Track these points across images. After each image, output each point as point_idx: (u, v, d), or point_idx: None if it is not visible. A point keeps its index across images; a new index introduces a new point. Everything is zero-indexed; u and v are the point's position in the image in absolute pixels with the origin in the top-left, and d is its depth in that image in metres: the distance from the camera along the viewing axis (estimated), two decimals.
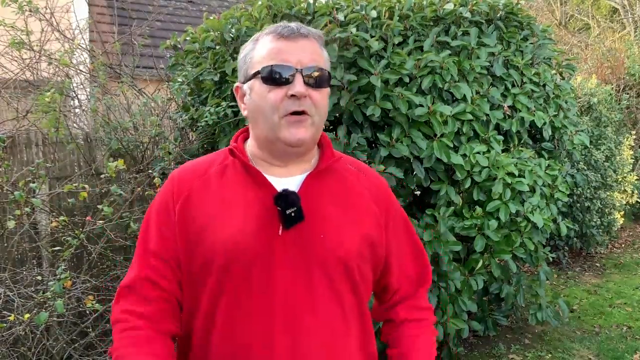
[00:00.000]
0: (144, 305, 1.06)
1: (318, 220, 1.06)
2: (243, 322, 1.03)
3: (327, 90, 1.08)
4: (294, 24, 1.06)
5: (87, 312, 2.63)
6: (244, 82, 1.10)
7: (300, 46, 1.04)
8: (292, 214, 1.02)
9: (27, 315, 2.34)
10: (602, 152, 5.57)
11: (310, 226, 1.05)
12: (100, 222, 2.64)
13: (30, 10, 3.09)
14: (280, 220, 1.03)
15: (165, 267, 1.08)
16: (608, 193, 5.55)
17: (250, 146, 1.13)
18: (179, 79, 3.18)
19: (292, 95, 1.01)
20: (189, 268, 1.07)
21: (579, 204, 5.26)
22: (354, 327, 1.10)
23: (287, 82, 1.02)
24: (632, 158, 6.37)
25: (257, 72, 1.05)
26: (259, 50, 1.06)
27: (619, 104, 6.76)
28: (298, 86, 1.01)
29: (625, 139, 6.27)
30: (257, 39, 1.09)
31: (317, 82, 1.04)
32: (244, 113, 1.11)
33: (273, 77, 1.02)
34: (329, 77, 1.07)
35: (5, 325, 2.40)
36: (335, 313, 1.06)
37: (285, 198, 1.03)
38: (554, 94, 3.51)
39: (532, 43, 3.48)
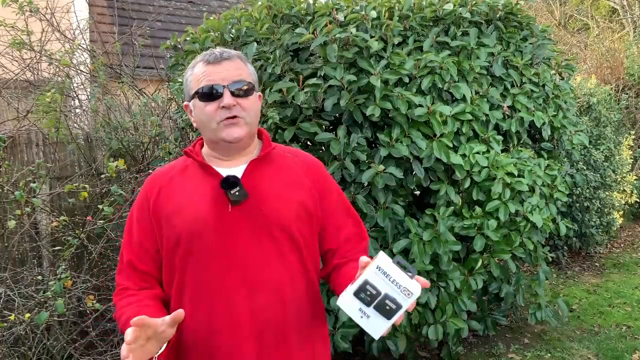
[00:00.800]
0: (130, 281, 1.37)
1: (260, 196, 1.33)
2: (208, 282, 1.30)
3: (255, 96, 1.36)
4: (217, 50, 1.35)
5: (88, 311, 2.63)
6: (189, 101, 1.38)
7: (224, 67, 1.32)
8: (236, 193, 1.30)
9: (27, 315, 2.34)
10: (602, 152, 5.57)
11: (254, 201, 1.32)
12: (101, 222, 2.65)
13: (31, 11, 3.10)
14: (228, 200, 1.30)
15: (145, 254, 1.37)
16: (607, 193, 5.56)
17: (205, 149, 1.42)
18: (179, 79, 3.18)
19: (223, 107, 1.30)
20: (165, 245, 1.34)
21: (578, 204, 5.27)
22: (300, 279, 1.35)
23: (218, 96, 1.30)
24: (631, 158, 6.37)
25: (196, 92, 1.33)
26: (195, 75, 1.35)
27: (618, 104, 6.77)
28: (226, 99, 1.29)
29: (625, 139, 6.28)
30: (193, 66, 1.37)
31: (243, 92, 1.32)
32: (194, 125, 1.40)
33: (206, 94, 1.31)
34: (253, 86, 1.35)
35: (5, 324, 2.40)
36: (282, 268, 1.32)
37: (227, 181, 1.30)
38: (553, 94, 3.52)
39: (531, 43, 3.49)
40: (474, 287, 3.00)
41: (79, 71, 3.52)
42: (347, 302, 1.14)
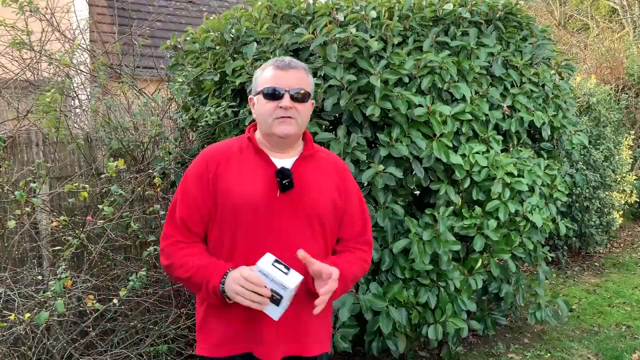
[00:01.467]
0: (180, 235, 1.60)
1: (302, 188, 1.60)
2: (253, 247, 1.55)
3: (309, 103, 1.62)
4: (287, 59, 1.61)
5: (88, 311, 2.63)
6: (254, 95, 1.64)
7: (290, 74, 1.58)
8: (287, 184, 1.56)
9: (27, 315, 2.34)
10: (601, 152, 5.58)
11: (298, 192, 1.59)
12: (101, 221, 2.65)
13: (31, 11, 3.09)
14: (278, 187, 1.57)
15: (195, 215, 1.59)
16: (607, 193, 5.56)
17: (258, 136, 1.67)
18: (179, 79, 3.18)
19: (281, 107, 1.55)
20: (219, 213, 1.58)
21: (578, 204, 5.27)
22: (321, 257, 1.60)
23: (279, 97, 1.56)
24: (630, 158, 6.38)
25: (261, 90, 1.58)
26: (264, 76, 1.60)
27: (618, 103, 6.77)
28: (285, 101, 1.55)
29: (624, 139, 6.28)
30: (264, 67, 1.63)
31: (300, 98, 1.58)
32: (254, 115, 1.66)
33: (270, 94, 1.56)
34: (309, 95, 1.61)
35: (5, 324, 2.40)
36: (310, 245, 1.58)
37: (282, 172, 1.57)
38: (553, 94, 3.52)
39: (531, 43, 3.49)
40: (473, 286, 3.00)
41: (79, 71, 3.53)
42: None
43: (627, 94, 7.18)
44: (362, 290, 2.82)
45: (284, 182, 1.56)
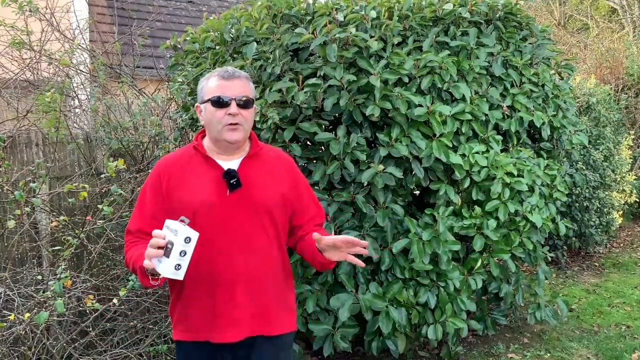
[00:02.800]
0: (141, 241, 1.70)
1: (250, 185, 1.73)
2: (210, 249, 1.68)
3: (252, 108, 1.76)
4: (230, 69, 1.74)
5: (87, 311, 2.63)
6: (201, 104, 1.76)
7: (234, 84, 1.71)
8: (234, 183, 1.70)
9: (27, 315, 2.34)
10: (601, 151, 5.57)
11: (246, 189, 1.72)
12: (101, 221, 2.65)
13: (31, 10, 3.09)
14: (227, 187, 1.70)
15: (156, 223, 1.68)
16: (607, 193, 5.56)
17: (207, 142, 1.79)
18: (179, 79, 3.18)
19: (229, 114, 1.68)
20: (173, 218, 1.62)
21: (577, 204, 5.27)
22: (275, 247, 1.78)
23: (226, 105, 1.69)
24: (630, 158, 6.37)
25: (209, 99, 1.71)
26: (209, 86, 1.73)
27: (618, 103, 6.77)
28: (233, 108, 1.68)
29: (624, 139, 6.28)
30: (208, 77, 1.75)
31: (245, 104, 1.71)
32: (202, 122, 1.78)
33: (217, 102, 1.69)
34: (252, 101, 1.74)
35: (5, 324, 2.40)
36: (263, 237, 1.75)
37: (228, 173, 1.70)
38: (552, 93, 3.52)
39: (531, 43, 3.49)
40: (473, 286, 3.00)
41: (79, 71, 3.53)
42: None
43: (626, 94, 7.17)
44: (361, 290, 2.82)
45: (231, 181, 1.69)
